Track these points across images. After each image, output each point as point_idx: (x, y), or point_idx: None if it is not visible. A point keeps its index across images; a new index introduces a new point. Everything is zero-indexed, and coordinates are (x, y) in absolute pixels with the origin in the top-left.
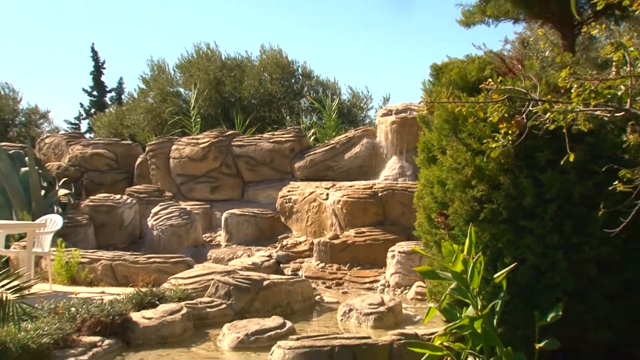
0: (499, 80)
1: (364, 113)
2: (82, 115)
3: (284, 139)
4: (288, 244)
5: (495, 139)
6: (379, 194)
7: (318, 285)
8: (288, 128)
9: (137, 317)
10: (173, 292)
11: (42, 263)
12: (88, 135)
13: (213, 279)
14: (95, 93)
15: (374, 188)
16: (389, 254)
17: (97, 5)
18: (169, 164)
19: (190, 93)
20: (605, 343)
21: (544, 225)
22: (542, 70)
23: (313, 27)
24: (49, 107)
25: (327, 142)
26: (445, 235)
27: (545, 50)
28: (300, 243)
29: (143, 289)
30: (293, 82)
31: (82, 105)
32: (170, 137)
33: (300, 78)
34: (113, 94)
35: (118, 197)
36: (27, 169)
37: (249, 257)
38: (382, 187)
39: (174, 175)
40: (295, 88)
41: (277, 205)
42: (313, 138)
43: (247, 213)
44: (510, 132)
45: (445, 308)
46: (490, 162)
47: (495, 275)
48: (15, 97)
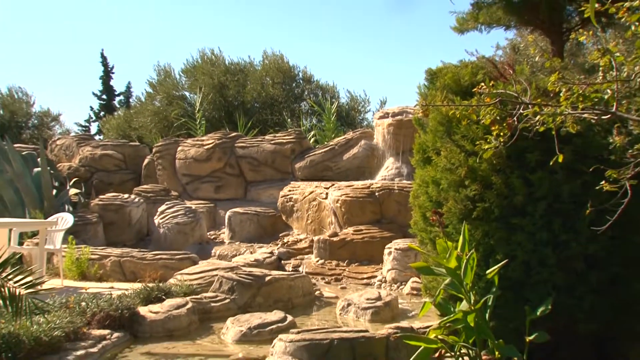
0: (491, 85)
1: (362, 116)
2: (92, 118)
3: (285, 141)
4: (289, 242)
5: (488, 141)
6: (376, 194)
7: (318, 281)
8: (289, 130)
9: (144, 311)
10: (179, 287)
11: (53, 259)
12: (98, 137)
13: (217, 275)
14: (105, 97)
15: (372, 188)
16: (386, 251)
17: (106, 14)
18: (175, 165)
19: (196, 96)
20: (593, 335)
21: (534, 223)
22: (532, 75)
23: (313, 33)
24: (61, 110)
25: (326, 143)
26: (440, 233)
27: (535, 56)
28: (301, 240)
29: (150, 285)
30: (294, 86)
31: (92, 109)
32: (176, 138)
33: (301, 82)
34: (121, 98)
35: (126, 196)
36: (39, 170)
37: (252, 253)
38: (379, 186)
39: (180, 175)
40: (296, 92)
41: (278, 204)
42: (313, 140)
43: (249, 212)
44: (502, 134)
45: (440, 303)
46: (483, 162)
47: (488, 271)
48: (29, 100)
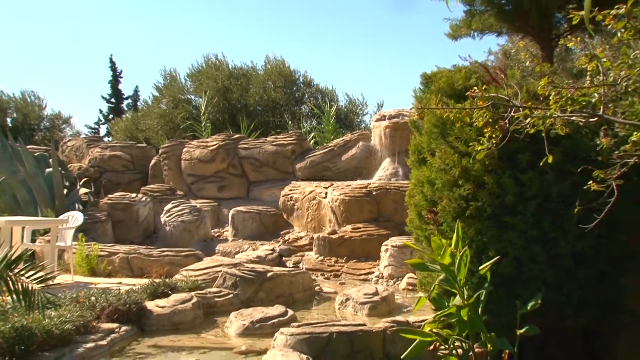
0: (484, 88)
1: (360, 118)
2: (101, 121)
3: (286, 142)
4: (290, 239)
5: (480, 142)
6: (374, 193)
7: (317, 277)
8: (290, 132)
9: (151, 305)
10: (184, 282)
11: (64, 256)
12: (106, 139)
13: (221, 271)
14: (113, 100)
15: (369, 187)
16: (383, 248)
17: (115, 21)
18: (181, 165)
19: (200, 100)
20: (581, 330)
21: (525, 222)
22: (522, 79)
23: (314, 39)
24: (71, 113)
25: (325, 145)
26: (435, 231)
27: (526, 61)
28: (301, 238)
29: (157, 280)
30: (295, 89)
31: (101, 111)
32: (182, 140)
33: (302, 86)
34: (129, 101)
35: (134, 195)
36: (51, 170)
37: (254, 250)
38: (376, 186)
39: (185, 176)
40: (297, 95)
41: (279, 203)
42: (313, 141)
43: (252, 210)
44: (494, 135)
45: (434, 297)
46: (476, 163)
47: (480, 267)
48: (40, 104)
